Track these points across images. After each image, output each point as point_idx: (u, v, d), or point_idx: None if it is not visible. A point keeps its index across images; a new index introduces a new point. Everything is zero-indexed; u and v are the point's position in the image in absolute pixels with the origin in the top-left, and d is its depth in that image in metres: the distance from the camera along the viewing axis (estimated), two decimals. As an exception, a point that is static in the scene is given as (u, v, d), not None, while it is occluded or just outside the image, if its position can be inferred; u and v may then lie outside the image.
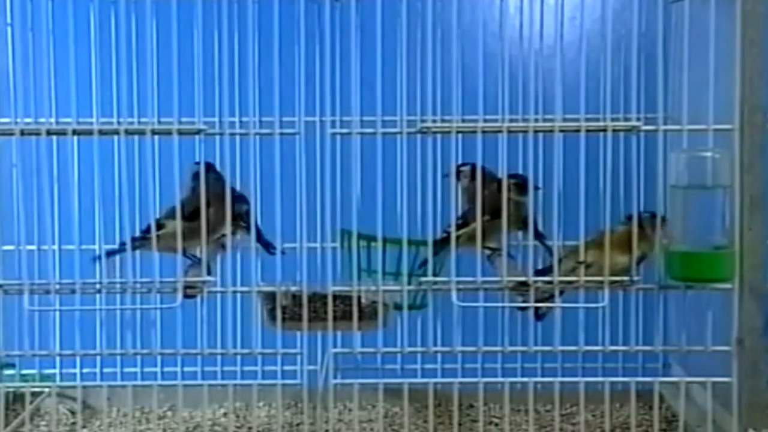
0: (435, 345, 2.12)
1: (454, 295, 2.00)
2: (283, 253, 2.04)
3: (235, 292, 2.10)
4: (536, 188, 2.07)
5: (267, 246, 2.11)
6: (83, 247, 2.10)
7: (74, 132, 2.01)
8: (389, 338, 2.12)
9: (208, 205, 1.99)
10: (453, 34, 2.00)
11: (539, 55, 2.10)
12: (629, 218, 2.00)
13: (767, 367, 1.99)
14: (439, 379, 2.31)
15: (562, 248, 2.03)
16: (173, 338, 2.14)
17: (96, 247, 2.11)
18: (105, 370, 2.36)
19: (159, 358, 2.27)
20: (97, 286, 2.06)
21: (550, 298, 2.04)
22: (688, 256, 1.96)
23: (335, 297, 2.04)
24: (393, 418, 2.45)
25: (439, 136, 2.03)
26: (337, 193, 2.11)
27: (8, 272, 2.05)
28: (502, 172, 2.00)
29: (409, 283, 2.06)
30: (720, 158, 1.93)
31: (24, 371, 2.37)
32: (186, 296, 2.03)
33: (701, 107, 1.95)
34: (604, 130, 1.97)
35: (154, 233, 2.03)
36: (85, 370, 2.36)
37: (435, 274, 2.05)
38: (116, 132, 2.02)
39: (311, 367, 2.19)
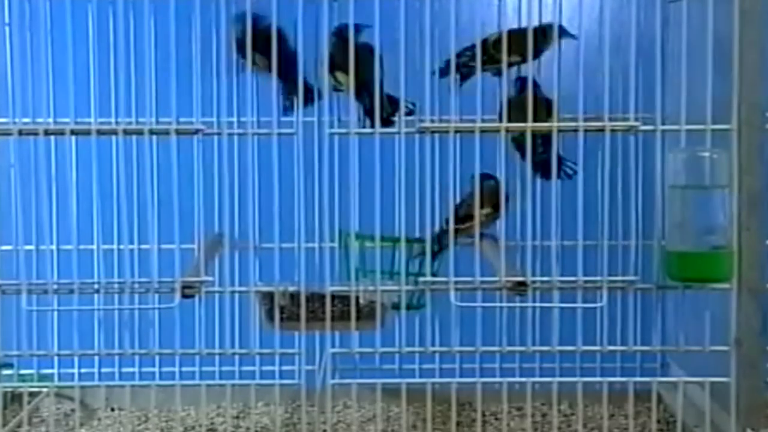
0: (433, 345, 2.12)
1: (452, 295, 2.00)
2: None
3: (233, 292, 2.10)
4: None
5: None
6: (81, 247, 2.10)
7: (72, 132, 2.01)
8: (387, 338, 2.12)
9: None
10: (451, 34, 2.00)
11: (537, 55, 2.10)
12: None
13: (765, 367, 1.99)
14: (438, 379, 2.30)
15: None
16: (171, 338, 2.14)
17: (94, 247, 2.11)
18: (103, 370, 2.35)
19: (157, 358, 2.27)
20: (95, 286, 2.06)
21: None
22: (687, 256, 1.95)
23: (333, 297, 2.04)
24: (391, 418, 2.45)
25: (437, 135, 2.03)
26: (335, 193, 2.11)
27: (6, 272, 2.05)
28: (501, 174, 2.01)
29: (407, 282, 2.06)
30: (718, 158, 1.93)
31: (22, 371, 2.37)
32: (184, 296, 2.02)
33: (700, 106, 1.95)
34: (603, 130, 1.97)
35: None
36: (83, 370, 2.36)
37: (434, 274, 2.05)
38: (114, 132, 2.02)
39: (309, 368, 2.19)
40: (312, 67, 2.05)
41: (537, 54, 2.06)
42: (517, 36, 2.02)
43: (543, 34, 2.05)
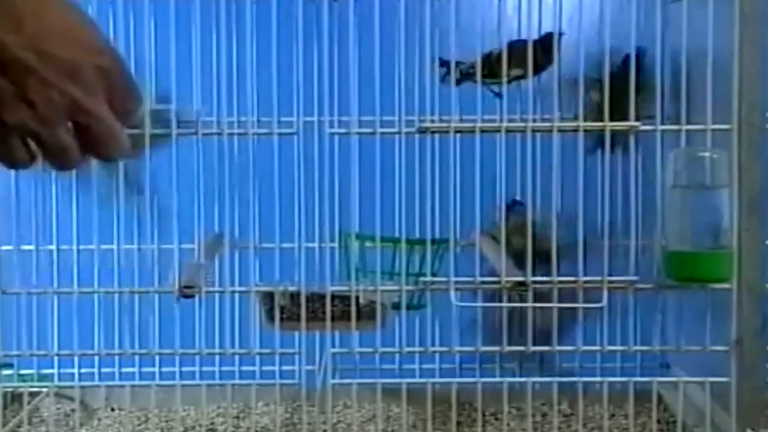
0: (433, 345, 2.12)
1: (452, 295, 2.00)
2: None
3: (233, 292, 2.10)
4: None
5: None
6: (81, 247, 2.10)
7: (72, 132, 2.01)
8: (387, 338, 2.13)
9: None
10: (451, 34, 2.00)
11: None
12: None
13: (765, 367, 1.99)
14: (438, 379, 2.31)
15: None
16: (171, 338, 2.13)
17: (94, 246, 2.11)
18: (103, 370, 2.35)
19: (157, 358, 2.27)
20: (95, 286, 2.06)
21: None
22: (687, 256, 1.95)
23: (333, 297, 2.04)
24: (391, 418, 2.45)
25: (437, 135, 2.03)
26: (335, 193, 2.11)
27: (6, 272, 2.05)
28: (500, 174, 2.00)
29: (407, 282, 2.06)
30: (718, 158, 1.93)
31: (22, 371, 2.37)
32: (184, 296, 2.02)
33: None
34: (603, 130, 1.97)
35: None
36: (83, 370, 2.36)
37: (434, 274, 2.05)
38: (114, 132, 2.02)
39: (309, 367, 2.19)
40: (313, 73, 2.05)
41: (539, 69, 2.07)
42: (518, 49, 2.02)
43: (544, 49, 2.05)
